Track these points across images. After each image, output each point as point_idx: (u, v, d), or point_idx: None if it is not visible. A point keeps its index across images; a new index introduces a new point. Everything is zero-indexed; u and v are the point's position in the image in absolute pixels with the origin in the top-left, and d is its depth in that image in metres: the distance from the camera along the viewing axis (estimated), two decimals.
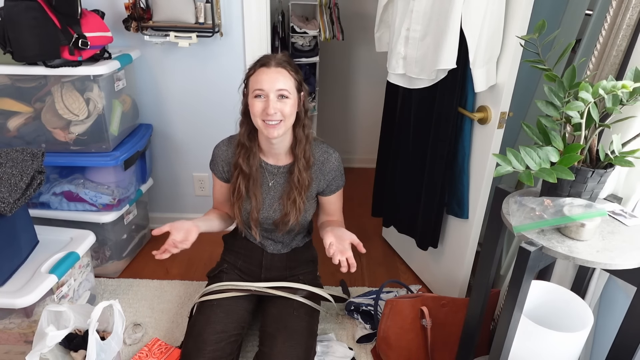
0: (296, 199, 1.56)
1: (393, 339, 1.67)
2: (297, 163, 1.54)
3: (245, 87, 1.50)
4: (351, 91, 3.30)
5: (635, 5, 1.19)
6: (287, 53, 1.50)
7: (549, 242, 1.06)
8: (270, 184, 1.60)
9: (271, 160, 1.59)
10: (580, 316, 1.24)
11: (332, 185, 1.63)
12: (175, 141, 2.39)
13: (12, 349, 1.62)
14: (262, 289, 1.66)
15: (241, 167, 1.55)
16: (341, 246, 1.41)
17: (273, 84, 1.41)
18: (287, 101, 1.43)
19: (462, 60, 1.59)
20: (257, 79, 1.42)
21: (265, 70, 1.42)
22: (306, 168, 1.55)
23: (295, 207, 1.57)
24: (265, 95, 1.42)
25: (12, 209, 1.47)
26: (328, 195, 1.65)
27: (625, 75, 1.10)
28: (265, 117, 1.42)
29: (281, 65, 1.44)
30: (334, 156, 1.60)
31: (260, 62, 1.45)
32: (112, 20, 2.08)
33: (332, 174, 1.61)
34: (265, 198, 1.61)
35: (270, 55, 1.48)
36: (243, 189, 1.57)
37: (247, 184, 1.57)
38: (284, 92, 1.42)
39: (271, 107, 1.40)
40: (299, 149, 1.53)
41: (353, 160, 3.47)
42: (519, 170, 1.04)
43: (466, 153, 1.77)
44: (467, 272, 1.92)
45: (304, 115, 1.52)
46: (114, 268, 2.17)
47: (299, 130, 1.53)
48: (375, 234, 2.59)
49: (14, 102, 1.89)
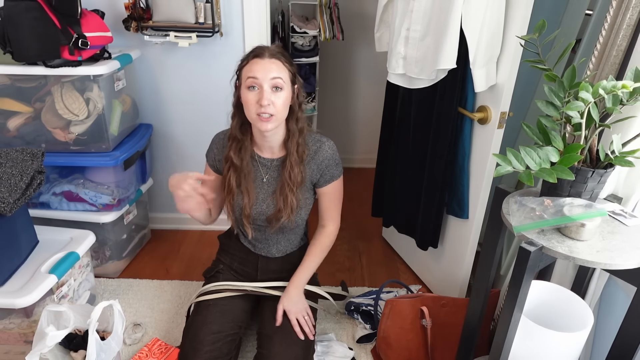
0: (288, 196, 1.52)
1: (393, 339, 1.67)
2: (289, 157, 1.50)
3: (237, 78, 1.46)
4: (351, 91, 3.30)
5: (635, 5, 1.19)
6: (281, 45, 1.48)
7: (549, 242, 1.06)
8: (264, 179, 1.57)
9: (266, 153, 1.55)
10: (580, 316, 1.24)
11: (325, 174, 1.56)
12: (175, 141, 2.39)
13: (12, 349, 1.62)
14: (258, 289, 1.66)
15: (232, 160, 1.51)
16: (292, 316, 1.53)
17: (267, 73, 1.36)
18: (280, 93, 1.39)
19: (462, 60, 1.59)
20: (251, 68, 1.38)
21: (258, 61, 1.38)
22: (298, 163, 1.51)
23: (287, 203, 1.52)
24: (259, 86, 1.37)
25: (12, 209, 1.47)
26: (323, 186, 1.58)
27: (625, 75, 1.10)
28: (259, 110, 1.37)
29: (275, 56, 1.39)
30: (327, 144, 1.55)
31: (254, 52, 1.41)
32: (112, 20, 2.08)
33: (325, 162, 1.54)
34: (259, 193, 1.57)
35: (263, 46, 1.43)
36: (233, 183, 1.52)
37: (238, 178, 1.53)
38: (278, 82, 1.37)
39: (265, 97, 1.36)
40: (291, 143, 1.49)
41: (353, 160, 3.47)
42: (519, 170, 1.04)
43: (466, 153, 1.77)
44: (467, 272, 1.92)
45: (298, 108, 1.49)
46: (114, 268, 2.17)
47: (292, 124, 1.49)
48: (375, 234, 2.59)
49: (14, 102, 1.89)
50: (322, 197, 1.62)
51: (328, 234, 1.67)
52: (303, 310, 1.56)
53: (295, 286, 1.59)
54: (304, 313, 1.56)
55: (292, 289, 1.59)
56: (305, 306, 1.58)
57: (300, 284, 1.60)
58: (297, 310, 1.54)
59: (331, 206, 1.64)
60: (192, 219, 1.58)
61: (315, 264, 1.64)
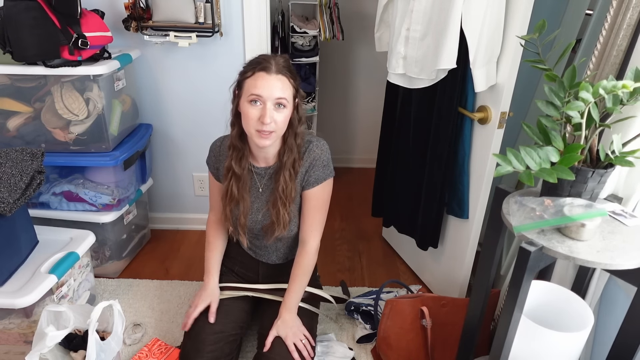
0: (280, 210, 1.49)
1: (393, 339, 1.67)
2: (284, 172, 1.46)
3: (237, 87, 1.42)
4: (351, 91, 3.30)
5: (635, 5, 1.19)
6: (287, 56, 1.45)
7: (549, 242, 1.06)
8: (260, 190, 1.55)
9: (260, 163, 1.53)
10: (581, 316, 1.24)
11: (310, 175, 1.50)
12: (175, 141, 2.39)
13: (12, 349, 1.62)
14: (260, 294, 1.65)
15: (233, 170, 1.49)
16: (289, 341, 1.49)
17: (272, 91, 1.33)
18: (283, 111, 1.37)
19: (462, 60, 1.59)
20: (255, 84, 1.34)
21: (264, 76, 1.34)
22: (292, 178, 1.48)
23: (280, 218, 1.50)
24: (262, 102, 1.34)
25: (11, 209, 1.47)
26: (306, 188, 1.51)
27: (625, 75, 1.10)
28: (260, 127, 1.35)
29: (282, 72, 1.35)
30: (315, 143, 1.50)
31: (261, 65, 1.35)
32: (112, 20, 2.08)
33: (309, 162, 1.49)
34: (254, 202, 1.55)
35: (270, 57, 1.38)
36: (235, 192, 1.50)
37: (239, 186, 1.51)
38: (283, 101, 1.35)
39: (268, 115, 1.33)
40: (287, 157, 1.46)
41: (353, 160, 3.47)
42: (519, 170, 1.04)
43: (466, 153, 1.77)
44: (467, 272, 1.92)
45: (297, 123, 1.45)
46: (114, 268, 2.17)
47: (291, 139, 1.45)
48: (375, 234, 2.59)
49: (13, 102, 1.89)
50: (304, 201, 1.54)
51: (307, 254, 1.57)
52: (299, 334, 1.50)
53: (288, 310, 1.54)
54: (301, 336, 1.50)
55: (285, 313, 1.53)
56: (301, 328, 1.52)
57: (291, 307, 1.55)
58: (293, 335, 1.49)
59: (313, 215, 1.55)
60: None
61: (301, 286, 1.58)
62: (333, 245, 2.48)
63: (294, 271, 1.58)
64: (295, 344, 1.47)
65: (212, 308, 1.55)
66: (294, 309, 1.56)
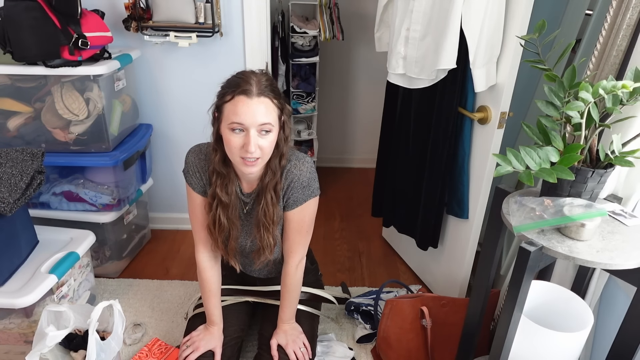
0: (264, 235, 1.40)
1: (393, 339, 1.67)
2: (265, 196, 1.35)
3: (217, 110, 1.28)
4: (351, 91, 3.30)
5: (635, 5, 1.19)
6: (268, 72, 1.33)
7: (549, 242, 1.06)
8: (245, 211, 1.45)
9: (244, 187, 1.42)
10: (581, 316, 1.24)
11: (289, 196, 1.39)
12: (175, 141, 2.39)
13: (12, 349, 1.62)
14: (260, 298, 1.65)
15: (220, 198, 1.36)
16: None
17: (255, 117, 1.20)
18: (268, 136, 1.24)
19: (462, 60, 1.59)
20: (236, 111, 1.20)
21: (245, 101, 1.19)
22: (274, 202, 1.37)
23: (264, 242, 1.41)
24: (245, 129, 1.21)
25: (12, 209, 1.47)
26: (286, 210, 1.41)
27: (625, 75, 1.10)
28: (244, 154, 1.23)
29: (264, 94, 1.21)
30: (292, 163, 1.37)
31: (240, 88, 1.21)
32: (112, 20, 2.08)
33: (287, 183, 1.37)
34: (244, 226, 1.46)
35: (250, 77, 1.24)
36: (225, 221, 1.39)
37: (228, 213, 1.39)
38: (267, 127, 1.22)
39: (252, 144, 1.20)
40: (269, 179, 1.34)
41: (352, 160, 3.47)
42: (519, 170, 1.04)
43: (466, 153, 1.77)
44: (467, 272, 1.92)
45: (284, 143, 1.32)
46: (114, 268, 2.17)
47: (275, 162, 1.33)
48: (375, 234, 2.59)
49: (14, 102, 1.89)
50: (285, 223, 1.45)
51: (288, 274, 1.49)
52: (299, 341, 1.50)
53: (285, 322, 1.53)
54: (300, 344, 1.50)
55: (283, 325, 1.53)
56: (301, 336, 1.52)
57: (288, 319, 1.53)
58: (292, 342, 1.49)
59: (293, 237, 1.45)
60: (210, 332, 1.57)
61: (293, 300, 1.53)
62: (333, 245, 2.48)
63: (282, 289, 1.53)
64: (295, 352, 1.49)
65: (217, 357, 1.47)
66: (291, 319, 1.55)
